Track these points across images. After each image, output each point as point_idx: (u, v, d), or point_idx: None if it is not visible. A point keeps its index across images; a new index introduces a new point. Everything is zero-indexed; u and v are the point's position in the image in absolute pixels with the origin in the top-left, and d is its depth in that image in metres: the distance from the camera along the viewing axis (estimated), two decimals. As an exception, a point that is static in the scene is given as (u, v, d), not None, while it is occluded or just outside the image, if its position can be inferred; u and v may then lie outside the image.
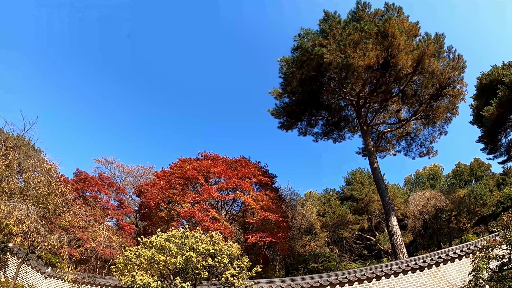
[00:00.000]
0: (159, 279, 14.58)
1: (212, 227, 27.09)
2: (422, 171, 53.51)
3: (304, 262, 39.89)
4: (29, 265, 21.86)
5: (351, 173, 47.52)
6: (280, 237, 31.75)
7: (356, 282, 14.81)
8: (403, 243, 26.02)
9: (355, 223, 43.18)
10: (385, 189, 28.66)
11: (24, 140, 36.34)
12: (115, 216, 37.26)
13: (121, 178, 47.61)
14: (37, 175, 21.88)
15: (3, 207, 16.64)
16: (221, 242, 15.26)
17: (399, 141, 35.79)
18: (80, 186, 36.23)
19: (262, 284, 16.25)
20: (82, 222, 25.42)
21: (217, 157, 38.04)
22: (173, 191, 32.45)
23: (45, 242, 17.99)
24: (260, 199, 32.08)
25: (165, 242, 14.92)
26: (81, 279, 20.86)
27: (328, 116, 34.20)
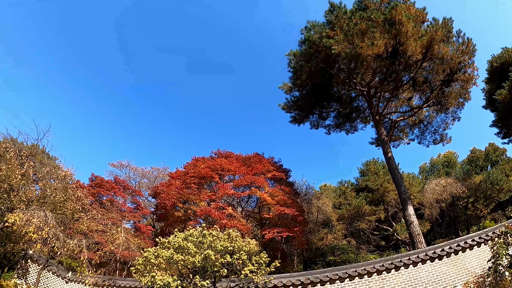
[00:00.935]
0: (179, 278, 14.63)
1: (229, 224, 27.08)
2: (437, 159, 52.99)
3: (322, 256, 39.76)
4: (49, 271, 22.06)
5: (365, 164, 47.24)
6: (297, 231, 31.69)
7: (375, 273, 14.76)
8: (420, 232, 25.81)
9: (371, 214, 42.90)
10: (400, 179, 28.46)
11: (38, 148, 36.62)
12: (132, 218, 37.46)
13: (136, 181, 47.81)
14: (53, 182, 22.11)
15: (22, 215, 16.82)
16: (238, 239, 15.26)
17: (412, 129, 35.50)
18: (96, 190, 36.48)
19: (281, 279, 16.23)
20: (100, 226, 25.62)
21: (230, 154, 38.06)
22: (189, 190, 32.52)
23: (65, 247, 18.15)
24: (276, 194, 32.04)
25: (183, 242, 14.96)
26: (101, 282, 21.01)
27: (339, 107, 34.03)
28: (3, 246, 20.43)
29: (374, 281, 14.64)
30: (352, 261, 33.27)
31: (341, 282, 14.93)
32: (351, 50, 25.14)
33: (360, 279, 14.80)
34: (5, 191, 19.69)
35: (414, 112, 32.47)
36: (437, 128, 34.01)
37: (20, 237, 19.25)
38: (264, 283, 15.93)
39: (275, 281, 15.98)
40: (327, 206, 41.78)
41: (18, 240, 19.88)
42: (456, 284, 14.36)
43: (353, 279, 14.85)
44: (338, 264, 31.32)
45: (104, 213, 30.87)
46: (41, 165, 29.24)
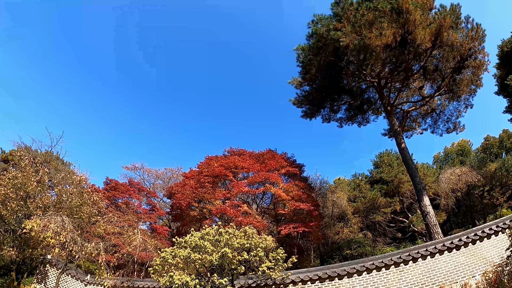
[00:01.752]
0: (197, 277, 14.66)
1: (245, 222, 27.11)
2: (451, 148, 52.42)
3: (339, 250, 39.60)
4: (68, 275, 22.25)
5: (379, 156, 46.99)
6: (313, 226, 31.65)
7: (393, 265, 14.69)
8: (437, 223, 25.59)
9: (386, 206, 42.61)
10: (414, 169, 28.25)
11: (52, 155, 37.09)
12: (148, 219, 37.66)
13: (151, 182, 48.03)
14: (69, 187, 22.29)
15: (39, 221, 16.96)
16: (255, 236, 15.28)
17: (424, 118, 35.16)
18: (111, 193, 36.73)
19: (298, 275, 16.21)
20: (116, 229, 25.73)
21: (243, 152, 38.11)
22: (203, 189, 32.61)
23: (82, 251, 18.28)
24: (290, 190, 32.01)
25: (200, 241, 15.00)
26: (120, 284, 21.15)
27: (350, 100, 33.86)
28: (22, 252, 20.66)
29: (392, 273, 14.57)
30: (369, 254, 33.12)
31: (359, 275, 14.89)
32: (360, 42, 24.97)
33: (378, 271, 14.73)
34: (21, 198, 19.95)
35: (426, 101, 32.17)
36: (449, 116, 33.66)
37: (38, 243, 19.44)
38: (282, 279, 15.92)
39: (293, 277, 15.97)
40: (342, 200, 41.65)
41: (36, 246, 20.10)
42: (474, 274, 14.21)
43: (370, 272, 14.79)
44: (355, 258, 31.16)
45: (120, 215, 31.07)
46: (56, 171, 29.55)
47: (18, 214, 20.77)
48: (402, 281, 14.31)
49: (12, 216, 20.62)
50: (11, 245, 21.74)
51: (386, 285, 14.38)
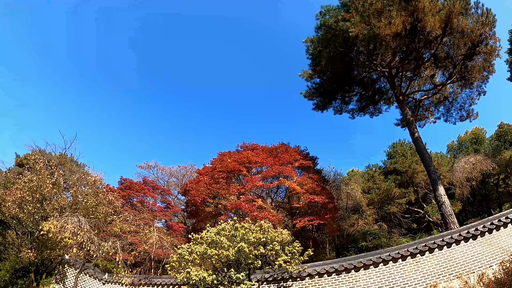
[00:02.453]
0: (213, 272, 14.73)
1: (260, 216, 27.09)
2: (464, 136, 51.77)
3: (354, 242, 39.47)
4: (86, 274, 22.46)
5: (392, 146, 46.66)
6: (328, 219, 31.61)
7: (409, 256, 14.56)
8: (452, 213, 25.39)
9: (401, 196, 42.29)
10: (428, 159, 28.02)
11: (66, 157, 37.41)
12: (163, 217, 37.90)
13: (165, 180, 48.22)
14: (84, 188, 22.47)
15: (56, 222, 17.13)
16: (270, 230, 15.29)
17: (437, 107, 34.82)
18: (126, 193, 36.98)
19: (315, 267, 16.20)
20: (132, 227, 25.94)
21: (256, 146, 38.16)
22: (217, 185, 32.74)
23: (100, 250, 18.43)
24: (304, 183, 32.01)
25: (216, 236, 15.06)
26: (137, 281, 21.31)
27: (362, 91, 33.68)
28: (40, 254, 20.90)
29: (409, 264, 14.45)
30: (385, 246, 32.96)
31: (375, 267, 14.81)
32: (369, 31, 24.80)
33: (394, 263, 14.63)
34: (38, 201, 20.17)
35: (438, 90, 31.86)
36: (462, 104, 33.29)
37: (56, 244, 19.65)
38: (298, 272, 15.93)
39: (309, 270, 15.97)
40: (356, 192, 41.48)
41: (54, 247, 20.31)
42: (491, 263, 14.04)
43: (387, 263, 14.70)
44: (371, 250, 31.03)
45: (135, 214, 31.32)
46: (71, 173, 29.82)
47: (35, 217, 20.99)
48: (419, 272, 14.18)
49: (29, 218, 20.84)
50: (29, 247, 22.02)
51: (403, 276, 14.26)
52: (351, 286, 14.86)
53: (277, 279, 16.58)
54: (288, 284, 16.33)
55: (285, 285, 16.37)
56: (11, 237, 28.88)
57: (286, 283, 16.40)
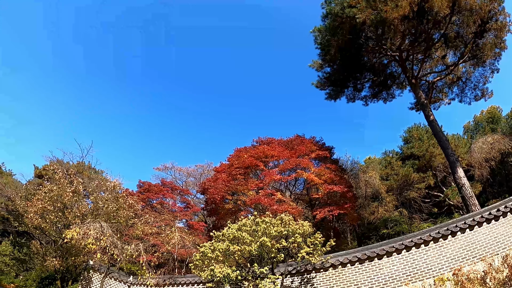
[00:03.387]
0: (237, 268, 14.79)
1: (280, 209, 27.08)
2: (480, 116, 50.97)
3: (375, 230, 39.29)
4: (111, 278, 22.70)
5: (408, 131, 46.24)
6: (348, 208, 31.53)
7: (432, 241, 14.47)
8: (473, 195, 25.09)
9: (420, 181, 41.85)
10: (445, 141, 27.72)
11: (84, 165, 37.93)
12: (184, 217, 38.15)
13: (183, 180, 48.49)
14: (104, 194, 22.73)
15: (78, 229, 17.34)
16: (291, 222, 15.33)
17: (451, 88, 34.38)
18: (145, 195, 37.30)
19: (338, 258, 16.16)
20: (154, 229, 26.16)
21: (271, 140, 38.13)
22: (235, 182, 32.80)
23: (123, 253, 18.62)
24: (322, 173, 31.96)
25: (238, 232, 15.13)
26: (162, 282, 21.49)
27: (373, 77, 33.37)
28: (65, 261, 21.23)
29: (432, 249, 14.36)
30: (406, 232, 32.70)
31: (398, 254, 14.75)
32: (376, 16, 24.55)
33: (417, 249, 14.55)
34: (59, 210, 20.48)
35: (451, 70, 31.42)
36: (476, 83, 32.80)
37: (80, 250, 19.91)
38: (321, 263, 15.91)
39: (332, 260, 15.94)
40: (374, 179, 41.26)
41: (78, 253, 20.60)
42: (516, 244, 13.88)
43: (410, 249, 14.62)
44: (392, 237, 30.81)
45: (156, 216, 31.51)
46: (89, 180, 30.18)
47: (58, 225, 21.34)
48: (442, 257, 14.07)
49: (52, 227, 21.21)
50: (54, 255, 22.44)
51: (427, 261, 14.17)
52: (375, 274, 14.81)
53: (301, 271, 16.59)
54: (312, 275, 16.34)
55: (309, 277, 16.39)
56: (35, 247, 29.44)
57: (310, 274, 16.40)
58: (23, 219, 23.65)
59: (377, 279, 14.66)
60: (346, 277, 15.41)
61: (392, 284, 14.27)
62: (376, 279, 14.68)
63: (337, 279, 15.60)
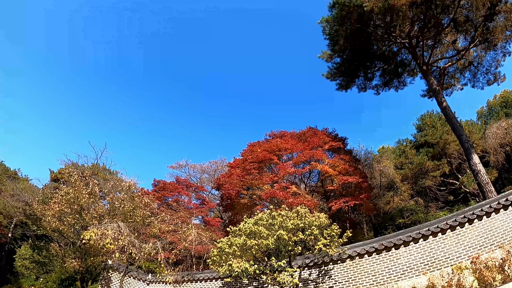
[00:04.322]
0: (255, 262, 14.86)
1: (295, 202, 27.04)
2: (493, 101, 50.28)
3: (391, 219, 39.08)
4: (130, 276, 22.92)
5: (421, 118, 45.86)
6: (364, 198, 31.46)
7: (449, 229, 14.34)
8: (489, 181, 24.74)
9: (435, 169, 41.50)
10: (459, 127, 27.39)
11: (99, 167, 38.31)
12: (200, 213, 38.28)
13: (197, 177, 48.70)
14: (119, 194, 22.95)
15: (96, 230, 17.54)
16: (307, 215, 15.35)
17: (462, 73, 33.95)
18: (161, 194, 37.51)
19: (355, 249, 16.15)
20: (170, 227, 26.36)
21: (284, 133, 38.17)
22: (250, 176, 32.86)
23: (141, 252, 18.81)
24: (336, 165, 31.89)
25: (254, 226, 15.21)
26: (180, 279, 21.69)
27: (384, 65, 33.09)
28: (84, 262, 21.49)
29: (449, 237, 14.24)
30: (422, 221, 32.47)
31: (415, 243, 14.69)
32: (383, 4, 24.30)
33: (434, 237, 14.46)
34: (76, 212, 20.74)
35: (462, 55, 31.02)
36: (488, 67, 32.34)
37: (98, 250, 20.15)
38: (339, 254, 15.91)
39: (349, 252, 15.93)
40: (388, 169, 41.06)
41: (97, 254, 20.83)
42: (534, 229, 13.70)
43: (427, 238, 14.54)
44: (408, 226, 30.67)
45: (172, 213, 31.75)
46: (105, 181, 30.49)
47: (75, 227, 21.63)
48: (459, 245, 13.94)
49: (70, 229, 21.52)
50: (73, 256, 22.73)
51: (444, 250, 14.07)
52: (392, 264, 14.78)
53: (318, 263, 16.61)
54: (329, 267, 16.34)
55: (326, 269, 16.39)
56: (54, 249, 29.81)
57: (327, 266, 16.41)
58: (41, 223, 23.95)
59: (395, 269, 14.63)
60: (364, 268, 15.40)
61: (410, 273, 14.22)
62: (394, 269, 14.64)
63: (355, 270, 15.60)
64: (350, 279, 15.58)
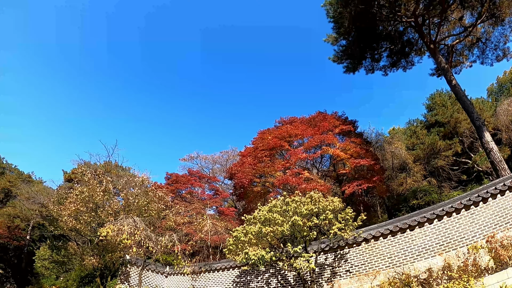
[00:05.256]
0: (270, 249, 14.97)
1: (308, 188, 27.05)
2: (503, 77, 49.47)
3: (404, 201, 38.90)
4: (149, 270, 23.21)
5: (431, 98, 45.39)
6: (377, 180, 31.44)
7: (463, 209, 14.29)
8: (502, 159, 24.48)
9: (447, 149, 41.13)
10: (470, 105, 27.10)
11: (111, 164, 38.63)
12: (214, 204, 38.53)
13: (209, 168, 49.05)
14: (133, 190, 23.19)
15: (112, 226, 17.80)
16: (321, 199, 15.42)
17: (471, 50, 33.49)
18: (174, 187, 37.77)
19: (369, 231, 16.21)
20: (185, 218, 26.58)
21: (294, 119, 38.10)
22: (262, 164, 32.94)
23: (158, 245, 19.06)
24: (347, 148, 31.83)
25: (269, 213, 15.31)
26: (198, 269, 21.94)
27: (390, 45, 32.75)
28: (102, 258, 21.82)
29: (464, 217, 14.19)
30: (436, 201, 32.36)
31: (430, 224, 14.69)
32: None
33: (449, 217, 14.43)
34: (92, 210, 21.06)
35: (469, 32, 30.60)
36: (497, 43, 31.84)
37: (116, 246, 20.45)
38: (354, 238, 15.98)
39: (364, 235, 16.01)
40: (400, 150, 40.91)
41: (114, 249, 21.14)
42: (548, 207, 13.58)
43: (441, 218, 14.53)
44: (422, 207, 30.54)
45: (186, 205, 31.98)
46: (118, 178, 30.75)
47: (92, 225, 21.96)
48: (474, 224, 13.88)
49: (87, 227, 21.85)
50: (91, 254, 23.12)
51: (459, 229, 14.04)
52: (408, 245, 14.83)
53: (333, 248, 16.70)
54: (345, 251, 16.43)
55: (342, 253, 16.48)
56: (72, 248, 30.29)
57: (343, 250, 16.50)
58: (58, 223, 24.37)
59: (410, 250, 14.68)
60: (379, 250, 15.47)
61: (426, 254, 14.25)
62: (409, 250, 14.70)
63: (370, 253, 15.68)
64: (366, 262, 15.68)
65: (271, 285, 18.75)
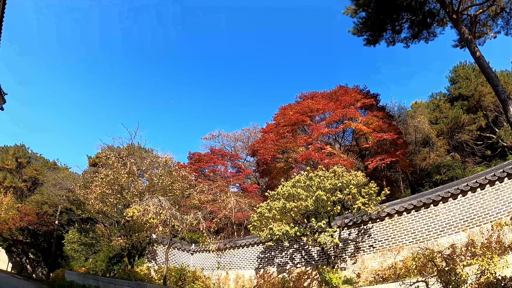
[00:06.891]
0: (295, 225, 15.18)
1: (331, 162, 26.96)
2: (530, 49, 48.45)
3: (428, 176, 38.51)
4: (175, 248, 23.77)
5: (454, 70, 44.46)
6: (400, 155, 31.28)
7: (488, 184, 14.04)
8: (527, 134, 24.14)
9: (471, 123, 40.33)
10: (495, 78, 26.42)
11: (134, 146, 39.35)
12: (237, 181, 38.94)
13: (231, 146, 49.37)
14: (157, 170, 23.62)
15: (138, 207, 18.22)
16: (345, 174, 15.55)
17: (495, 20, 32.51)
18: (197, 166, 38.29)
19: (393, 206, 16.24)
20: (209, 197, 26.99)
21: (315, 94, 37.88)
22: (284, 140, 33.10)
23: (183, 223, 19.45)
24: (370, 122, 31.65)
25: (292, 189, 15.49)
26: (223, 246, 22.35)
27: (411, 16, 31.96)
28: (130, 238, 22.44)
29: (488, 193, 13.95)
30: (460, 177, 31.90)
31: (454, 199, 14.58)
32: None
33: (473, 193, 14.24)
34: (117, 192, 21.61)
35: (493, 1, 29.79)
36: (522, 13, 31.03)
37: (142, 226, 21.04)
38: (377, 213, 16.03)
39: (388, 209, 16.04)
40: (423, 124, 40.38)
41: (141, 229, 21.74)
42: None
43: (465, 194, 14.38)
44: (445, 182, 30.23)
45: (209, 184, 32.40)
46: (141, 159, 31.33)
47: (118, 206, 22.54)
48: (499, 200, 13.59)
49: (113, 209, 22.45)
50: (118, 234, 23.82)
51: (484, 205, 13.85)
52: (431, 221, 14.81)
53: (357, 223, 16.82)
54: (368, 226, 16.54)
55: (365, 228, 16.60)
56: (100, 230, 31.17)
57: (366, 225, 16.61)
58: (85, 207, 25.06)
59: (434, 226, 14.66)
60: (403, 226, 15.51)
61: (450, 230, 14.20)
62: (433, 226, 14.68)
63: (394, 228, 15.75)
64: (390, 237, 15.75)
65: (295, 261, 19.05)
